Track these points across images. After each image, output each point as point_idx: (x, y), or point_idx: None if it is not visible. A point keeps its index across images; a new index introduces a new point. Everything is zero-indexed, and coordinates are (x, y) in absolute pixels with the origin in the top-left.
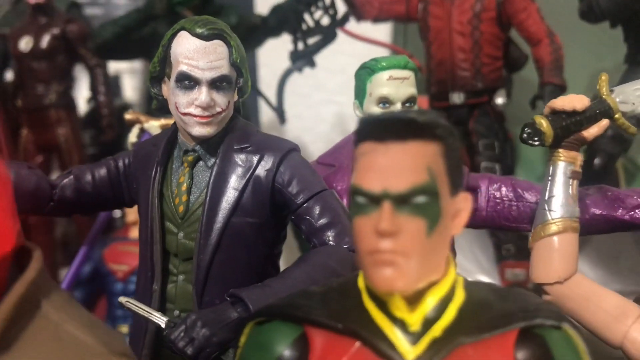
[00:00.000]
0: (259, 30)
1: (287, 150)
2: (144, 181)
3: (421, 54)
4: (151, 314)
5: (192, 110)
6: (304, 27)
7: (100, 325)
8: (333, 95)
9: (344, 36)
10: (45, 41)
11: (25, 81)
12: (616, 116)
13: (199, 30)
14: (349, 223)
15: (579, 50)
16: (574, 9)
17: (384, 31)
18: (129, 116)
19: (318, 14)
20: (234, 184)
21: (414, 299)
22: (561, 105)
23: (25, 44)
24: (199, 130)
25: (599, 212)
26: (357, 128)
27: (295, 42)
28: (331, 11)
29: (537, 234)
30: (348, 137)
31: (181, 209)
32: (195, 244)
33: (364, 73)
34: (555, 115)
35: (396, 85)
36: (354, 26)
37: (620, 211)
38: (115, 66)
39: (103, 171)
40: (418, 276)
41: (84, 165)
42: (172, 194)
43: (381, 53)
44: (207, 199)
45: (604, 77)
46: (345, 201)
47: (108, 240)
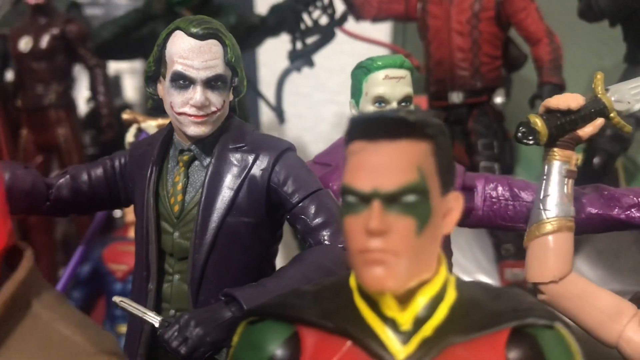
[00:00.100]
0: (258, 30)
1: (282, 150)
2: (139, 181)
3: (420, 54)
4: (145, 313)
5: (187, 109)
6: (302, 26)
7: (90, 325)
8: (333, 95)
9: (344, 36)
10: (45, 41)
11: (25, 81)
12: (611, 115)
13: (193, 30)
14: None
15: (579, 49)
16: (573, 8)
17: (383, 31)
18: (126, 116)
19: (316, 13)
20: (230, 183)
21: (404, 298)
22: (556, 104)
23: (24, 44)
24: (194, 130)
25: (595, 211)
26: (347, 127)
27: (293, 41)
28: (329, 11)
29: (532, 233)
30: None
31: (176, 208)
32: (191, 243)
33: (360, 72)
34: (550, 114)
35: (392, 85)
36: (354, 26)
37: (617, 210)
38: (116, 66)
39: (99, 171)
40: (408, 275)
41: (81, 165)
42: (167, 193)
43: (382, 52)
44: (203, 199)
45: (599, 76)
46: (340, 200)
47: (107, 240)
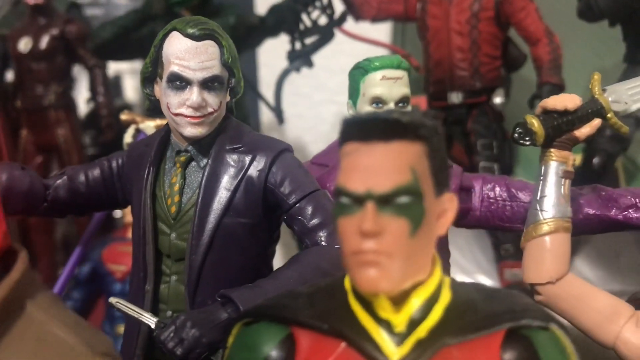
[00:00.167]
0: (257, 30)
1: (279, 151)
2: (136, 181)
3: (419, 54)
4: (141, 314)
5: (184, 110)
6: (301, 27)
7: (85, 327)
8: (333, 95)
9: (344, 36)
10: (45, 42)
11: (25, 82)
12: (608, 115)
13: (190, 31)
14: None
15: (579, 49)
16: (573, 8)
17: (383, 31)
18: (124, 117)
19: (315, 13)
20: (226, 184)
21: (399, 300)
22: (553, 104)
23: (24, 44)
24: (190, 131)
25: (592, 211)
26: (341, 128)
27: (292, 42)
28: (328, 11)
29: (529, 234)
30: None
31: (173, 209)
32: (188, 244)
33: (358, 73)
34: (547, 114)
35: (389, 85)
36: (353, 26)
37: (614, 211)
38: (116, 66)
39: (97, 172)
40: (402, 277)
41: (78, 166)
42: (164, 194)
43: (383, 53)
44: (199, 200)
45: (597, 77)
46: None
47: (107, 240)
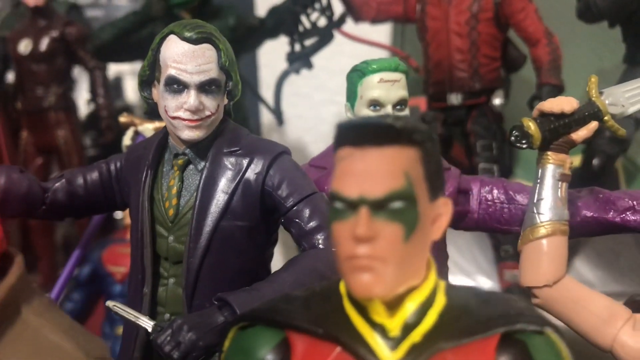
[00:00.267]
0: (257, 31)
1: (277, 153)
2: (134, 184)
3: (419, 55)
4: (138, 317)
5: (181, 114)
6: (300, 28)
7: (80, 331)
8: (334, 96)
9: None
10: (45, 44)
11: (25, 83)
12: (605, 118)
13: (187, 34)
14: None
15: (579, 50)
16: (573, 9)
17: (383, 32)
18: (123, 119)
19: (315, 15)
20: (224, 187)
21: (393, 304)
22: (549, 107)
23: (24, 46)
24: (188, 134)
25: (590, 214)
26: (335, 133)
27: (292, 43)
28: (328, 13)
29: (526, 237)
30: None
31: (171, 212)
32: (185, 247)
33: (355, 76)
34: (544, 117)
35: (387, 88)
36: (353, 27)
37: (612, 213)
38: (117, 68)
39: (95, 175)
40: (396, 281)
41: (77, 169)
42: (162, 197)
43: (383, 54)
44: (197, 203)
45: (593, 79)
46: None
47: (107, 241)
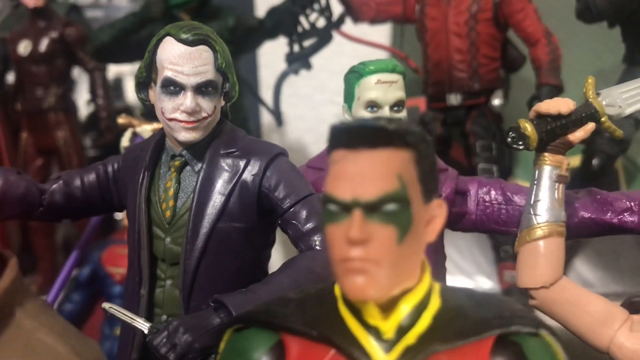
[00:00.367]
0: (256, 32)
1: (274, 155)
2: (132, 186)
3: (418, 55)
4: (134, 319)
5: (178, 115)
6: (299, 29)
7: (74, 334)
8: (334, 96)
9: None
10: (44, 45)
11: (25, 85)
12: (602, 119)
13: (183, 36)
14: None
15: (578, 50)
16: (572, 9)
17: (383, 32)
18: (121, 120)
19: (313, 16)
20: (221, 188)
21: (387, 307)
22: (546, 108)
23: (24, 47)
24: (184, 136)
25: (587, 215)
26: (329, 136)
27: (290, 44)
28: (326, 13)
29: (523, 238)
30: None
31: (168, 214)
32: (182, 249)
33: (353, 77)
34: (541, 118)
35: (384, 89)
36: (353, 27)
37: (609, 214)
38: (117, 69)
39: (92, 176)
40: (390, 284)
41: (74, 171)
42: (159, 199)
43: (382, 54)
44: (194, 204)
45: (590, 80)
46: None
47: (106, 242)
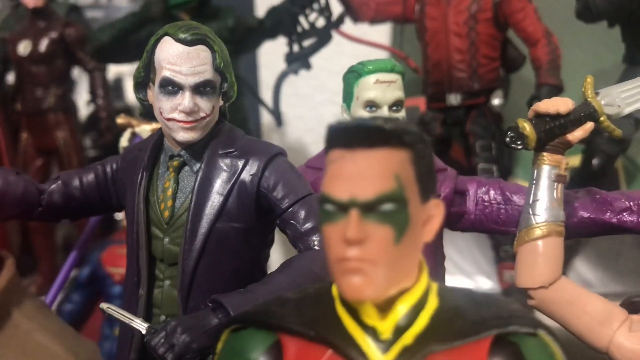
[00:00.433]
0: (256, 32)
1: (272, 155)
2: (130, 186)
3: (418, 55)
4: (132, 320)
5: (176, 115)
6: (299, 29)
7: (70, 335)
8: (334, 96)
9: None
10: (44, 45)
11: (25, 85)
12: (601, 119)
13: (181, 36)
14: None
15: (578, 50)
16: (572, 9)
17: (383, 32)
18: (120, 120)
19: (313, 16)
20: (219, 189)
21: (385, 307)
22: (545, 108)
23: (23, 48)
24: (183, 136)
25: (587, 215)
26: (326, 136)
27: (290, 44)
28: (326, 13)
29: (521, 238)
30: None
31: (166, 214)
32: (181, 249)
33: (351, 77)
34: (539, 118)
35: (383, 89)
36: (352, 27)
37: (609, 214)
38: (117, 69)
39: (91, 176)
40: (387, 284)
41: (73, 171)
42: (157, 199)
43: (383, 54)
44: (192, 204)
45: (589, 80)
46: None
47: (106, 243)
